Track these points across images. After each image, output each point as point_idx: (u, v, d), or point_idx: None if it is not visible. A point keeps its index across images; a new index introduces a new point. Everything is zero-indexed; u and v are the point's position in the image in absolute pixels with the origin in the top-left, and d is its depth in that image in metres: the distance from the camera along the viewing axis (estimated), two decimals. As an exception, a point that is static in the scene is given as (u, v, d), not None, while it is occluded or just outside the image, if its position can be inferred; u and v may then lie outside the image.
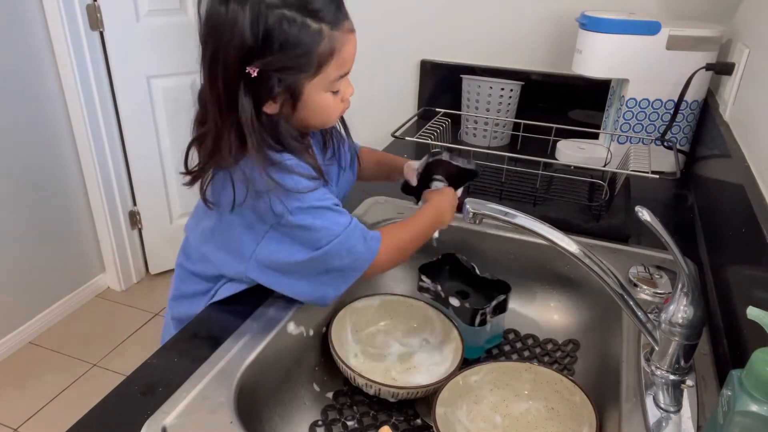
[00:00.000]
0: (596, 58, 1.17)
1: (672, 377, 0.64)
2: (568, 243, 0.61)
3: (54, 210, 2.08)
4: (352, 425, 0.75)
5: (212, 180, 0.72)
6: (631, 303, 0.62)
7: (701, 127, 1.22)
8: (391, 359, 0.83)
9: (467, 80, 1.43)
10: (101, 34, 1.99)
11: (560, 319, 0.94)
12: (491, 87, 1.38)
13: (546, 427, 0.71)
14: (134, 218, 2.31)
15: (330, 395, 0.79)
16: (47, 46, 1.92)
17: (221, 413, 0.60)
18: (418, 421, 0.76)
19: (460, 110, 1.46)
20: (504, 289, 0.86)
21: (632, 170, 0.97)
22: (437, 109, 1.27)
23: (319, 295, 0.74)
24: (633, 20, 1.13)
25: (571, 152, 1.26)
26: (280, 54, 0.63)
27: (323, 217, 0.70)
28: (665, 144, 1.19)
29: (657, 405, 0.61)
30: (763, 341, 0.48)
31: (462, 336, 0.81)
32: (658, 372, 0.65)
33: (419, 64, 1.58)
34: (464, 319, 0.83)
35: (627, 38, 1.13)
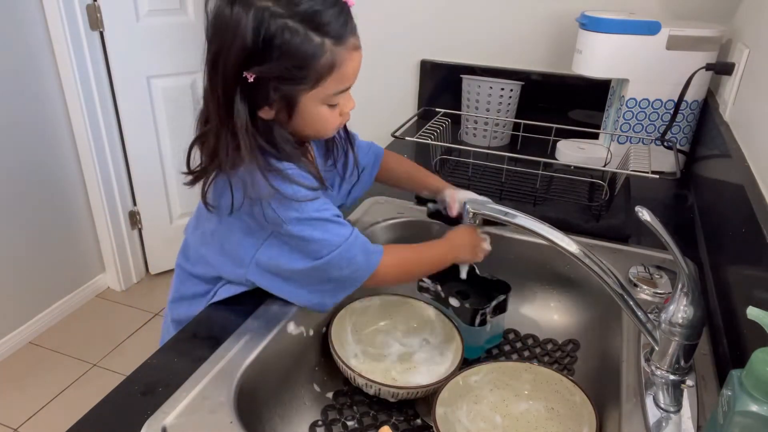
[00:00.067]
0: (596, 58, 1.17)
1: (672, 377, 0.64)
2: (568, 243, 0.61)
3: (54, 210, 2.08)
4: (352, 425, 0.75)
5: (213, 182, 0.71)
6: (631, 303, 0.62)
7: (701, 127, 1.22)
8: (391, 359, 0.83)
9: (467, 80, 1.43)
10: (101, 34, 1.99)
11: (560, 319, 0.94)
12: (491, 87, 1.38)
13: (546, 427, 0.71)
14: (134, 218, 2.31)
15: (330, 395, 0.79)
16: (47, 46, 1.92)
17: (221, 413, 0.60)
18: (418, 421, 0.76)
19: (460, 110, 1.46)
20: (504, 289, 0.86)
21: (632, 170, 0.97)
22: (437, 109, 1.27)
23: (318, 302, 0.74)
24: (633, 20, 1.13)
25: (571, 152, 1.26)
26: (279, 63, 0.62)
27: (323, 229, 0.70)
28: (665, 144, 1.19)
29: (657, 405, 0.61)
30: (763, 341, 0.48)
31: (462, 336, 0.81)
32: (658, 372, 0.65)
33: (419, 64, 1.58)
34: (464, 319, 0.83)
35: (627, 38, 1.13)
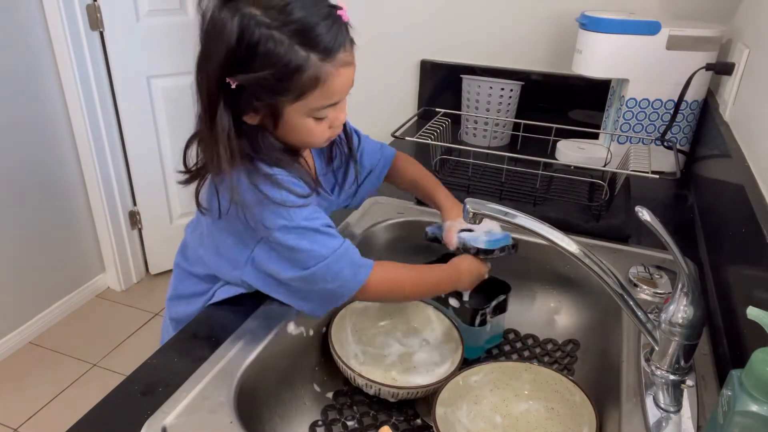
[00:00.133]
0: (596, 58, 1.17)
1: (672, 377, 0.64)
2: (568, 243, 0.61)
3: (54, 210, 2.08)
4: (352, 425, 0.75)
5: (206, 185, 0.71)
6: (631, 303, 0.62)
7: (701, 127, 1.22)
8: (391, 359, 0.83)
9: (467, 80, 1.43)
10: (101, 34, 1.99)
11: (560, 319, 0.94)
12: (491, 87, 1.38)
13: (546, 427, 0.71)
14: (134, 218, 2.31)
15: (330, 395, 0.79)
16: (47, 46, 1.92)
17: (221, 413, 0.60)
18: (418, 421, 0.76)
19: (460, 110, 1.46)
20: (504, 289, 0.86)
21: (632, 170, 0.97)
22: (437, 109, 1.26)
23: (309, 310, 0.73)
24: (633, 20, 1.13)
25: (571, 152, 1.26)
26: (261, 72, 0.61)
27: (311, 239, 0.68)
28: (665, 144, 1.19)
29: (657, 405, 0.61)
30: (763, 341, 0.48)
31: (462, 336, 0.81)
32: (658, 372, 0.65)
33: (419, 64, 1.58)
34: (464, 320, 0.83)
35: (627, 38, 1.13)
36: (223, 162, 0.65)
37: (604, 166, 1.14)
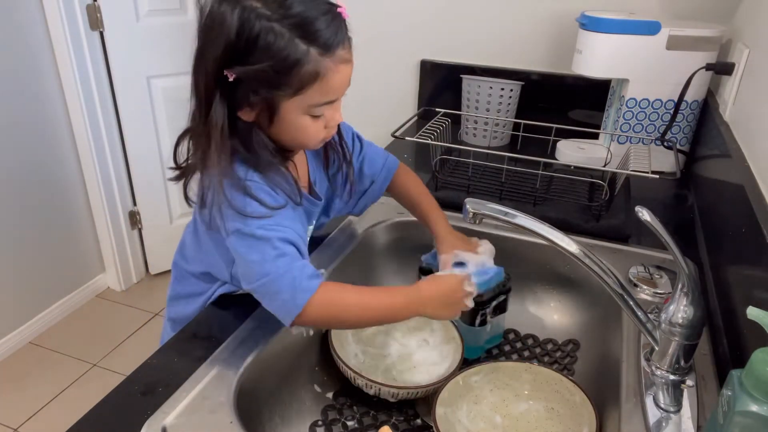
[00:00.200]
0: (596, 58, 1.17)
1: (672, 377, 0.64)
2: (568, 243, 0.61)
3: (54, 210, 2.07)
4: (352, 425, 0.75)
5: (193, 180, 0.70)
6: (631, 303, 0.62)
7: (701, 127, 1.22)
8: (391, 359, 0.83)
9: (467, 80, 1.42)
10: (101, 34, 1.99)
11: (560, 319, 0.94)
12: (491, 87, 1.38)
13: (546, 427, 0.71)
14: (134, 218, 2.31)
15: (330, 395, 0.79)
16: (47, 46, 1.92)
17: (221, 413, 0.60)
18: (418, 421, 0.76)
19: (460, 110, 1.46)
20: (504, 290, 0.85)
21: (632, 170, 0.97)
22: (437, 109, 1.26)
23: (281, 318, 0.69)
24: (633, 20, 1.13)
25: (571, 152, 1.26)
26: (260, 65, 0.60)
27: (258, 251, 0.65)
28: (665, 144, 1.19)
29: (657, 405, 0.61)
30: (763, 341, 0.48)
31: (462, 336, 0.81)
32: (658, 372, 0.65)
33: (419, 64, 1.58)
34: (464, 319, 0.83)
35: (627, 38, 1.13)
36: (211, 158, 0.64)
37: (604, 166, 1.14)
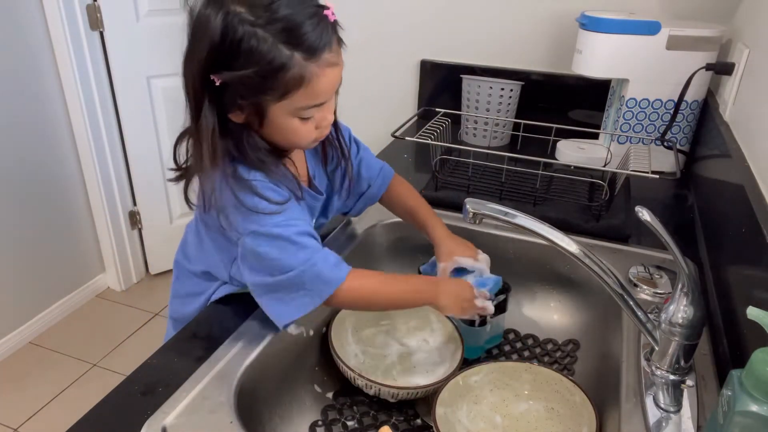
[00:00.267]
0: (596, 58, 1.17)
1: (672, 377, 0.64)
2: (568, 243, 0.61)
3: (54, 210, 2.07)
4: (352, 425, 0.75)
5: (193, 182, 0.70)
6: (631, 303, 0.62)
7: (701, 127, 1.22)
8: (391, 359, 0.83)
9: (467, 80, 1.42)
10: (101, 34, 1.99)
11: (560, 319, 0.94)
12: (491, 87, 1.38)
13: (546, 427, 0.71)
14: (134, 218, 2.31)
15: (330, 395, 0.79)
16: (47, 46, 1.92)
17: (221, 413, 0.60)
18: (418, 421, 0.76)
19: (460, 110, 1.46)
20: (504, 289, 0.85)
21: (632, 170, 0.97)
22: (437, 109, 1.26)
23: (275, 318, 0.69)
24: (633, 20, 1.13)
25: (571, 152, 1.26)
26: (244, 69, 0.60)
27: (280, 248, 0.66)
28: (665, 144, 1.19)
29: (657, 405, 0.61)
30: (763, 341, 0.48)
31: (462, 336, 0.81)
32: (658, 372, 0.65)
33: (419, 64, 1.58)
34: (464, 320, 0.83)
35: (627, 38, 1.13)
36: (206, 160, 0.64)
37: (604, 166, 1.14)
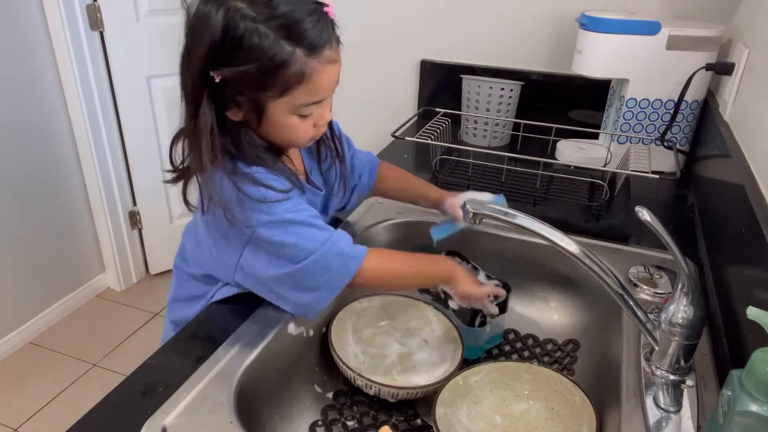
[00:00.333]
0: (596, 58, 1.17)
1: (672, 377, 0.64)
2: (568, 243, 0.61)
3: (54, 210, 2.07)
4: (352, 425, 0.75)
5: (192, 182, 0.70)
6: (631, 303, 0.62)
7: (701, 127, 1.22)
8: (391, 359, 0.83)
9: (467, 80, 1.43)
10: (101, 34, 1.99)
11: (560, 319, 0.94)
12: (491, 87, 1.38)
13: (546, 427, 0.71)
14: (134, 218, 2.31)
15: (330, 395, 0.79)
16: (47, 47, 1.92)
17: (221, 413, 0.60)
18: (418, 421, 0.76)
19: (460, 110, 1.46)
20: (504, 289, 0.85)
21: (632, 170, 0.97)
22: (437, 109, 1.27)
23: (300, 311, 0.71)
24: (633, 20, 1.13)
25: (571, 152, 1.26)
26: (245, 66, 0.60)
27: (296, 233, 0.67)
28: (665, 144, 1.19)
29: (657, 405, 0.61)
30: (763, 341, 0.48)
31: (462, 336, 0.81)
32: (658, 372, 0.65)
33: (419, 64, 1.58)
34: (464, 320, 0.83)
35: (627, 38, 1.13)
36: (205, 158, 0.64)
37: (604, 166, 1.14)
